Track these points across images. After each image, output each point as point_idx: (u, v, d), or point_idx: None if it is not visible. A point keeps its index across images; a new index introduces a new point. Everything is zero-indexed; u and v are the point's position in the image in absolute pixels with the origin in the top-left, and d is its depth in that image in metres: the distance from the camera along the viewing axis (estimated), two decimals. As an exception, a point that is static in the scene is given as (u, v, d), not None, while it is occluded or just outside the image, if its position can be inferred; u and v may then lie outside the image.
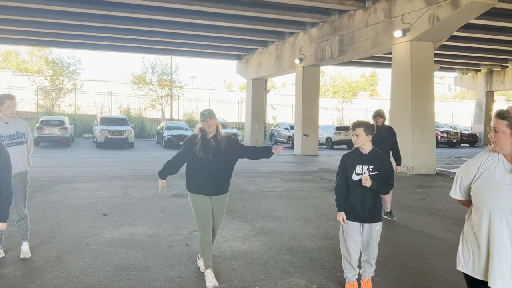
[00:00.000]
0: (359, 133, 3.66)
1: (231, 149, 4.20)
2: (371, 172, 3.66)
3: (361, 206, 3.69)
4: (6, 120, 4.53)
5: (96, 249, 4.90)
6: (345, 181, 3.74)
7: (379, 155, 3.76)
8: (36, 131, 19.96)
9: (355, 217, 3.74)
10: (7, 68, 36.75)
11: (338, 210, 3.78)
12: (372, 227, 3.76)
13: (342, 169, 3.76)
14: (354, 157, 3.75)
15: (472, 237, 2.41)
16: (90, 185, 9.33)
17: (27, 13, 16.61)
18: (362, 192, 3.67)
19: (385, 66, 26.89)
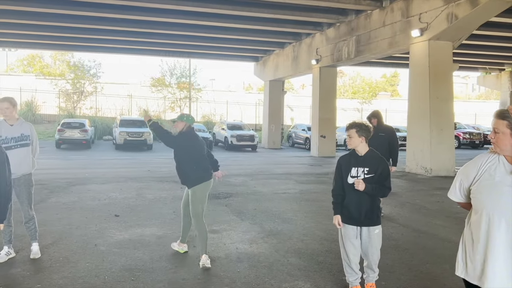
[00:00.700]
0: (352, 134, 3.61)
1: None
2: (367, 174, 3.58)
3: (357, 209, 3.62)
4: (11, 122, 4.61)
5: (105, 250, 4.95)
6: (341, 183, 3.68)
7: (375, 157, 3.68)
8: (57, 134, 20.41)
9: (352, 221, 3.68)
10: (31, 72, 37.75)
11: (334, 213, 3.73)
12: (370, 230, 3.69)
13: (338, 172, 3.71)
14: (349, 159, 3.69)
15: (470, 241, 2.32)
16: (105, 186, 9.46)
17: (50, 18, 17.00)
18: (358, 195, 3.59)
19: (406, 66, 26.46)
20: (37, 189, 8.77)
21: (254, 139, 22.33)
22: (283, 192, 9.12)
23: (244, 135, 22.41)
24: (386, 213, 7.27)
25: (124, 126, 21.41)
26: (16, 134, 4.61)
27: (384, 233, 5.88)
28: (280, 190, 9.36)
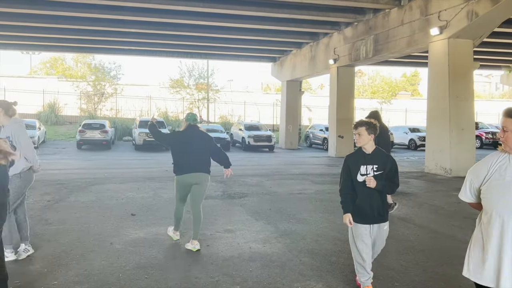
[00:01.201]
0: (361, 132, 3.63)
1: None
2: (376, 171, 3.61)
3: (370, 207, 3.64)
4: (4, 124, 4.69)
5: (120, 248, 5.03)
6: (349, 182, 3.68)
7: (382, 154, 3.72)
8: (78, 134, 20.83)
9: (364, 219, 3.68)
10: (53, 74, 38.61)
11: (344, 212, 3.71)
12: (381, 227, 3.75)
13: (346, 171, 3.71)
14: (357, 157, 3.70)
15: (480, 241, 2.28)
16: (123, 186, 9.61)
17: (71, 21, 17.37)
18: (369, 193, 3.61)
19: (426, 65, 26.05)
20: (57, 189, 9.02)
21: (271, 140, 22.32)
22: (299, 193, 9.10)
23: (261, 136, 22.43)
24: (402, 213, 7.19)
25: (143, 127, 21.66)
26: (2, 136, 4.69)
27: (400, 234, 5.84)
28: (296, 191, 9.34)
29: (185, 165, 5.12)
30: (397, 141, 25.38)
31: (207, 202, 7.88)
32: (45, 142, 22.96)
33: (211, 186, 9.65)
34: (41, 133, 22.22)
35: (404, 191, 9.52)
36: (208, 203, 7.79)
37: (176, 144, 5.25)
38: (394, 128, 26.57)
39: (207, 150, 5.24)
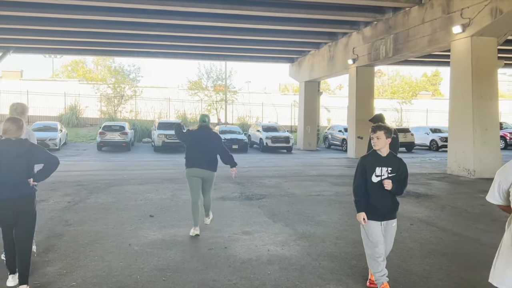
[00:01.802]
0: (380, 136, 3.80)
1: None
2: (390, 174, 3.81)
3: (382, 205, 3.82)
4: None
5: (138, 250, 5.02)
6: (363, 182, 3.84)
7: (396, 158, 3.95)
8: (99, 136, 21.11)
9: (376, 217, 3.84)
10: (74, 77, 39.32)
11: (358, 211, 3.85)
12: (389, 223, 3.90)
13: (361, 171, 3.86)
14: (373, 159, 3.87)
15: (509, 246, 2.16)
16: (142, 187, 9.65)
17: (92, 24, 17.63)
18: (382, 193, 3.79)
19: (447, 65, 25.53)
20: (77, 190, 9.12)
21: (289, 141, 22.19)
22: (317, 194, 8.98)
23: (279, 137, 22.32)
24: (424, 216, 7.01)
25: (162, 129, 21.85)
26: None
27: (422, 237, 5.69)
28: (314, 192, 9.22)
29: (193, 160, 5.80)
30: (418, 142, 24.93)
31: (225, 204, 7.86)
32: (66, 144, 23.35)
33: (228, 188, 9.67)
34: (63, 135, 22.60)
35: (426, 193, 9.31)
36: (226, 205, 7.76)
37: (189, 141, 5.93)
38: (415, 129, 26.13)
39: (214, 149, 5.86)
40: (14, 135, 3.79)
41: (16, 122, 3.82)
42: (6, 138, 3.78)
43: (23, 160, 3.76)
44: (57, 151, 20.05)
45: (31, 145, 3.89)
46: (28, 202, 3.86)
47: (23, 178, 3.78)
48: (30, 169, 3.88)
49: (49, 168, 3.94)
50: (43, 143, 19.94)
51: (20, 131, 3.84)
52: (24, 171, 3.79)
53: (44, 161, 3.94)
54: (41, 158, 3.91)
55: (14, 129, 3.77)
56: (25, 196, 3.82)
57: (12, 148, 3.74)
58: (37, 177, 3.93)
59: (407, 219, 6.72)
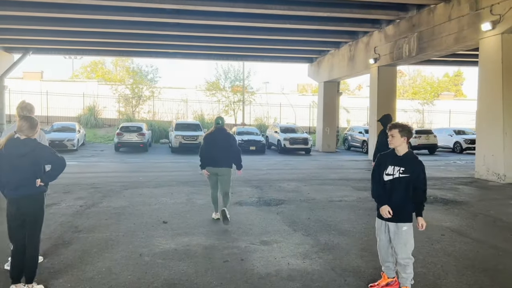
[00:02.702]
0: (394, 134, 3.80)
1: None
2: (401, 174, 3.75)
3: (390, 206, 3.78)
4: None
5: (149, 261, 4.70)
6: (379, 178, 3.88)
7: (413, 158, 3.83)
8: (116, 137, 21.05)
9: (380, 214, 3.87)
10: (94, 78, 39.61)
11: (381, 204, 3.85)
12: (399, 227, 3.81)
13: (378, 169, 3.90)
14: (389, 157, 3.89)
15: None
16: (157, 191, 9.38)
17: (111, 25, 17.53)
18: (390, 192, 3.78)
19: (471, 64, 24.72)
20: (91, 193, 8.89)
21: (307, 142, 21.73)
22: (339, 200, 8.54)
23: (297, 138, 21.88)
24: (455, 225, 6.51)
25: (180, 130, 21.68)
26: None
27: (457, 250, 5.21)
28: (336, 197, 8.78)
29: (210, 160, 6.49)
30: (441, 144, 24.17)
31: (242, 209, 7.50)
32: (84, 145, 23.39)
33: (245, 192, 9.32)
34: (81, 136, 22.64)
35: (455, 199, 8.77)
36: (243, 210, 7.40)
37: (206, 143, 6.58)
38: (437, 130, 25.35)
39: (229, 149, 6.51)
40: (27, 133, 3.75)
41: (30, 121, 3.81)
42: (14, 138, 3.74)
43: (27, 160, 3.72)
44: (75, 151, 20.06)
45: (36, 145, 3.80)
46: (32, 202, 3.82)
47: (27, 178, 3.74)
48: (38, 169, 3.83)
49: (56, 169, 3.91)
50: (61, 144, 20.00)
51: (33, 130, 3.80)
52: (28, 171, 3.74)
53: (50, 162, 3.89)
54: (47, 158, 3.86)
55: (27, 127, 3.75)
56: (28, 196, 3.78)
57: (17, 148, 3.71)
58: (45, 178, 3.89)
59: (438, 229, 6.24)
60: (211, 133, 6.60)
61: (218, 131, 6.56)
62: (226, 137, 6.57)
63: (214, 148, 6.44)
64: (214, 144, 6.46)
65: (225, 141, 6.50)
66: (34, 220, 3.83)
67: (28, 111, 4.58)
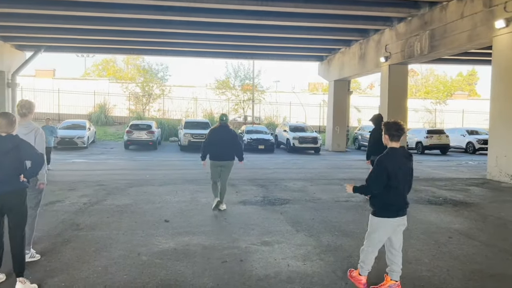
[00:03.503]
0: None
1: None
2: None
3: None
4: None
5: (146, 260, 4.62)
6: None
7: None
8: (126, 135, 21.11)
9: None
10: (105, 76, 39.86)
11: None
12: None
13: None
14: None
15: None
16: (161, 189, 9.32)
17: (122, 23, 17.54)
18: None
19: (484, 63, 24.27)
20: (96, 190, 8.87)
21: (317, 141, 21.54)
22: (345, 200, 8.38)
23: (306, 137, 21.70)
24: (464, 227, 6.31)
25: (189, 128, 21.66)
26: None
27: (464, 254, 5.04)
28: (342, 198, 8.62)
29: (215, 153, 7.15)
30: (454, 144, 23.75)
31: (245, 208, 7.40)
32: (94, 142, 23.51)
33: (251, 191, 9.21)
34: (91, 133, 22.76)
35: (465, 200, 8.55)
36: (247, 210, 7.30)
37: (210, 138, 7.28)
38: (450, 130, 24.94)
39: (231, 143, 7.17)
40: (5, 130, 3.74)
41: (7, 117, 3.77)
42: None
43: (11, 156, 3.72)
44: (85, 149, 20.17)
45: (20, 141, 3.80)
46: (16, 197, 3.82)
47: (11, 175, 3.75)
48: (20, 165, 3.84)
49: (36, 165, 3.93)
50: (71, 141, 20.14)
51: (12, 127, 3.77)
52: (12, 168, 3.75)
53: (29, 158, 3.88)
54: (27, 154, 3.85)
55: (4, 123, 3.72)
56: (12, 191, 3.78)
57: (1, 145, 3.70)
58: (27, 174, 3.92)
59: (445, 231, 6.06)
60: (215, 129, 7.31)
61: (221, 128, 7.23)
62: (229, 133, 7.21)
63: (218, 143, 7.08)
64: (218, 139, 7.11)
65: (228, 136, 7.14)
66: (19, 215, 3.87)
67: (27, 109, 4.56)
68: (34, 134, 4.45)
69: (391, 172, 3.76)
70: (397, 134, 3.83)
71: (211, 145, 7.19)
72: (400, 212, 3.91)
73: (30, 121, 4.56)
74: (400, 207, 3.90)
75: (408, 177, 3.92)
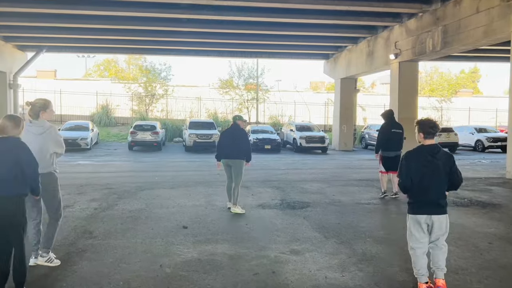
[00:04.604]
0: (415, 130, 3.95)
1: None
2: None
3: None
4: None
5: (170, 273, 4.25)
6: None
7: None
8: (130, 136, 20.75)
9: None
10: (107, 77, 39.46)
11: None
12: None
13: None
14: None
15: None
16: (174, 192, 8.95)
17: (123, 21, 17.12)
18: None
19: (489, 60, 23.97)
20: (105, 194, 8.50)
21: (324, 141, 21.18)
22: (367, 203, 8.02)
23: (313, 137, 21.34)
24: (502, 232, 5.94)
25: (194, 128, 21.29)
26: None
27: (510, 262, 4.66)
28: (363, 200, 8.26)
29: (225, 152, 7.25)
30: (462, 142, 23.39)
31: (265, 212, 7.04)
32: (97, 144, 23.14)
33: (266, 193, 8.84)
34: (94, 135, 22.39)
35: (492, 202, 8.18)
36: (267, 214, 6.93)
37: (222, 138, 7.51)
38: (458, 128, 24.57)
39: (239, 142, 7.21)
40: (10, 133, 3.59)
41: (13, 120, 3.66)
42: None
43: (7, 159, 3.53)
44: (89, 150, 19.80)
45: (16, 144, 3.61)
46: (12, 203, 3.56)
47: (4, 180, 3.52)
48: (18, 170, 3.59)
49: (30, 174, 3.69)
50: (75, 143, 19.74)
51: (17, 130, 3.64)
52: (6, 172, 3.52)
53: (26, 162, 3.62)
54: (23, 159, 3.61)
55: (10, 126, 3.61)
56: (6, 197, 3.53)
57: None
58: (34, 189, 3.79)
59: (483, 236, 5.69)
60: (227, 129, 7.67)
61: (232, 128, 7.45)
62: (238, 133, 7.37)
63: (227, 142, 7.27)
64: (228, 139, 7.32)
65: (236, 136, 7.31)
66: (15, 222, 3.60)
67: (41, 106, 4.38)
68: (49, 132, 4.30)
69: (414, 169, 3.81)
70: (432, 132, 3.85)
71: (222, 145, 7.36)
72: (426, 210, 3.83)
73: (44, 120, 4.30)
74: (425, 204, 3.84)
75: (438, 175, 3.80)
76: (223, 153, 7.26)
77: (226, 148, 7.21)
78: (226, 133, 7.52)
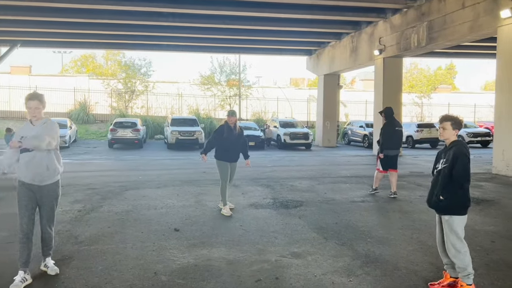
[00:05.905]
0: (446, 127, 3.78)
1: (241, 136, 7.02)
2: (443, 165, 3.75)
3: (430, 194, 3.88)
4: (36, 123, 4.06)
5: (166, 282, 3.95)
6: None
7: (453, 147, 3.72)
8: (110, 133, 20.16)
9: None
10: (84, 73, 38.42)
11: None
12: (442, 218, 3.81)
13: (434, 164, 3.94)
14: (442, 151, 3.90)
15: None
16: (160, 191, 8.61)
17: (99, 15, 16.61)
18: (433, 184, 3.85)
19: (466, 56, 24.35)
20: (88, 195, 8.09)
21: (308, 137, 21.06)
22: (361, 201, 7.85)
23: (297, 133, 21.20)
24: (502, 229, 5.84)
25: (176, 125, 20.85)
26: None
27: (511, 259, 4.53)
28: (357, 198, 8.09)
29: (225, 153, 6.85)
30: (443, 138, 23.60)
31: (259, 213, 6.79)
32: (76, 142, 22.45)
33: (257, 192, 8.59)
34: (72, 132, 21.71)
35: (485, 198, 8.14)
36: (261, 214, 6.68)
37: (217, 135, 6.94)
38: (439, 124, 24.78)
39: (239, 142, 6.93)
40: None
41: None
42: None
43: None
44: (67, 148, 19.14)
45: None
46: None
47: None
48: None
49: None
50: (52, 141, 19.04)
51: None
52: None
53: None
54: None
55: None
56: None
57: None
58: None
59: (484, 234, 5.58)
60: (223, 126, 6.89)
61: (229, 125, 6.84)
62: (240, 137, 6.96)
63: (227, 143, 6.77)
64: (228, 137, 6.75)
65: (236, 135, 6.84)
66: None
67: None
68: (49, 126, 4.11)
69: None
70: (461, 127, 3.91)
71: (220, 145, 6.86)
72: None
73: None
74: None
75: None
76: (222, 154, 6.80)
77: (225, 150, 6.77)
78: (222, 130, 6.85)
